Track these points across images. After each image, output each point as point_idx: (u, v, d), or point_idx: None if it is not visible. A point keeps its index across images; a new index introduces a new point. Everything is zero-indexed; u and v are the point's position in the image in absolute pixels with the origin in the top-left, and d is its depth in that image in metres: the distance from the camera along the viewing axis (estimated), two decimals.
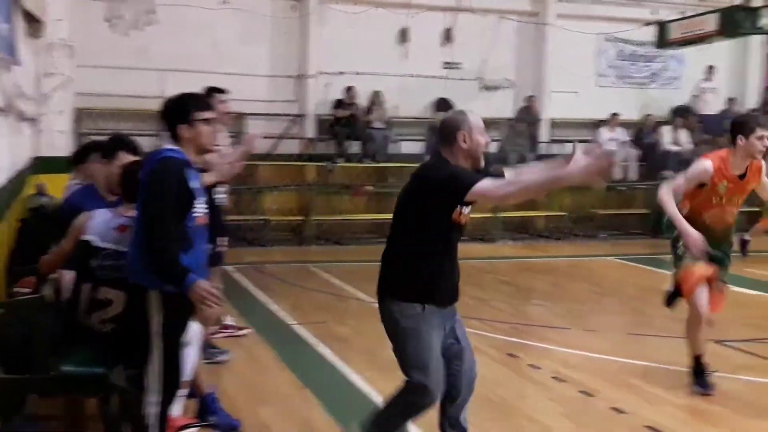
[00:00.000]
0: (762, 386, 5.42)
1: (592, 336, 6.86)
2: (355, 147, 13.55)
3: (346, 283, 8.97)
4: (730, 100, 15.44)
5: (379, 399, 4.95)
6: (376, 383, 5.23)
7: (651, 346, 6.66)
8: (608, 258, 11.49)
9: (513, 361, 5.89)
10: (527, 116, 14.52)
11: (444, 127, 3.53)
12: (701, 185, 5.10)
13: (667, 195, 5.01)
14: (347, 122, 13.34)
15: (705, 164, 5.07)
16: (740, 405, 5.00)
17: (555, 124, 14.89)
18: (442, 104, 14.24)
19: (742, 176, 5.10)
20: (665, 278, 10.63)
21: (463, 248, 3.61)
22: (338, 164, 13.26)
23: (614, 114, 14.41)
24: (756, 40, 15.20)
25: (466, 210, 3.45)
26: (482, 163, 3.54)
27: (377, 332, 6.84)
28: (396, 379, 5.38)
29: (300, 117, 13.55)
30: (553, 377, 5.48)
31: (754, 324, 7.35)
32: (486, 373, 5.58)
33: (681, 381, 5.51)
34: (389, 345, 6.62)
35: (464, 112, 3.56)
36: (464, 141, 3.46)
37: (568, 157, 3.20)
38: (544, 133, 14.79)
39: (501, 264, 11.09)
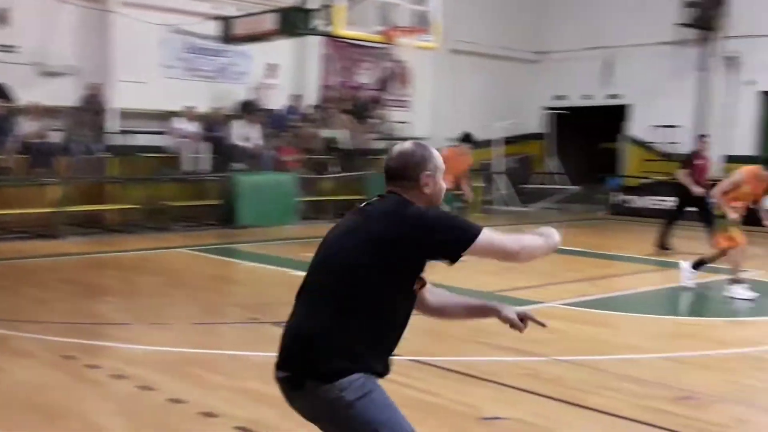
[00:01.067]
0: None
1: (156, 329, 6.76)
2: None
3: None
4: (294, 97, 16.47)
5: None
6: None
7: (216, 334, 6.77)
8: (180, 249, 11.48)
9: (68, 363, 5.54)
10: (92, 105, 13.87)
11: (403, 160, 2.71)
12: None
13: None
14: None
15: None
16: None
17: (124, 115, 14.45)
18: None
19: None
20: (233, 267, 11.08)
21: (22, 246, 3.20)
22: None
23: (189, 106, 14.45)
24: (314, 40, 16.38)
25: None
26: None
27: None
28: None
29: None
30: (111, 375, 5.27)
31: None
32: (34, 378, 5.19)
33: (241, 365, 5.70)
34: None
35: (428, 147, 2.76)
36: (427, 185, 2.70)
37: None
38: (113, 123, 14.29)
39: (66, 261, 10.41)
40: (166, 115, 14.54)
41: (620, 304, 8.22)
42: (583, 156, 21.30)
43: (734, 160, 17.99)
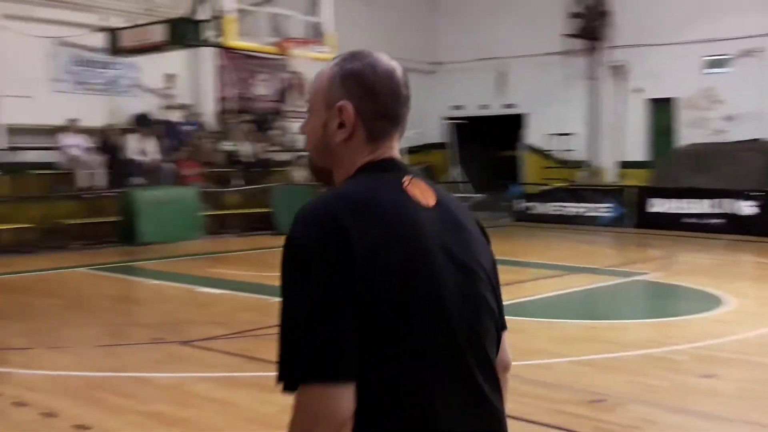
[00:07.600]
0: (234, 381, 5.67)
1: (57, 353, 6.46)
2: None
3: None
4: (188, 108, 16.14)
5: None
6: None
7: (119, 356, 6.52)
8: (79, 269, 11.05)
9: None
10: None
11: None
12: None
13: None
14: None
15: None
16: (216, 405, 5.13)
17: (12, 131, 13.84)
18: None
19: None
20: (136, 285, 10.70)
21: None
22: None
23: (73, 119, 13.94)
24: (208, 51, 16.07)
25: None
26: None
27: None
28: None
29: None
30: (14, 403, 5.01)
31: (218, 321, 7.70)
32: None
33: (147, 387, 5.50)
34: None
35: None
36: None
37: None
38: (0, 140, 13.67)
39: None
40: (56, 130, 14.00)
41: (528, 310, 8.31)
42: (484, 164, 21.71)
43: (627, 165, 18.76)
